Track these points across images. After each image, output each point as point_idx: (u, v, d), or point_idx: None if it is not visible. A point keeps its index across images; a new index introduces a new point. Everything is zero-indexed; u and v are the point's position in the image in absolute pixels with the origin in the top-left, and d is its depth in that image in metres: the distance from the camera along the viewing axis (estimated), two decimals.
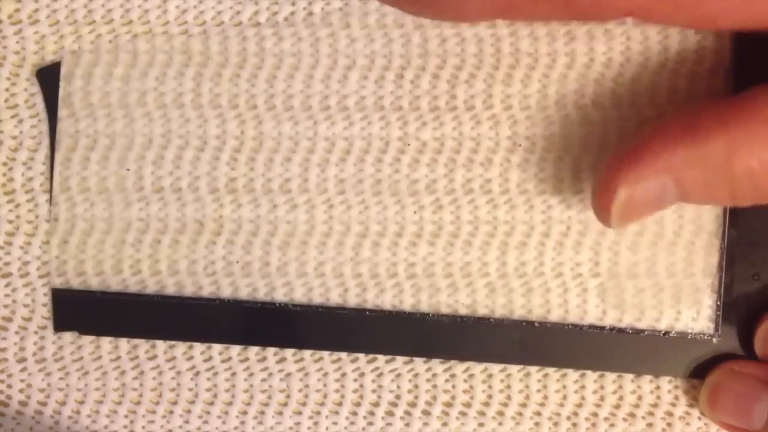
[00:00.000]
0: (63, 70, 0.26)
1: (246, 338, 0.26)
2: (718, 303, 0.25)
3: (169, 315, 0.26)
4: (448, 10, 0.22)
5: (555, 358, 0.25)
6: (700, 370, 0.25)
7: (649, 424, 0.26)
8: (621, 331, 0.25)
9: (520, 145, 0.25)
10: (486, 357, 0.25)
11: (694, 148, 0.21)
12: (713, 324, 0.25)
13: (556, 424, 0.26)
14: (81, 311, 0.26)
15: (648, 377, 0.25)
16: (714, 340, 0.25)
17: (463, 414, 0.26)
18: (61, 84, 0.26)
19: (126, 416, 0.26)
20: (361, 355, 0.26)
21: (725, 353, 0.25)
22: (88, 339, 0.26)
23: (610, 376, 0.26)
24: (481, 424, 0.26)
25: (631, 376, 0.25)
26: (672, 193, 0.22)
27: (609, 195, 0.22)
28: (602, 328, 0.25)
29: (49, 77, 0.26)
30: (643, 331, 0.25)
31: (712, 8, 0.21)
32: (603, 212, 0.22)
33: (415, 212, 0.25)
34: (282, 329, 0.26)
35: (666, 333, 0.25)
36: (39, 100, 0.26)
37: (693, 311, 0.25)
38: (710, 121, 0.21)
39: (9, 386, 0.26)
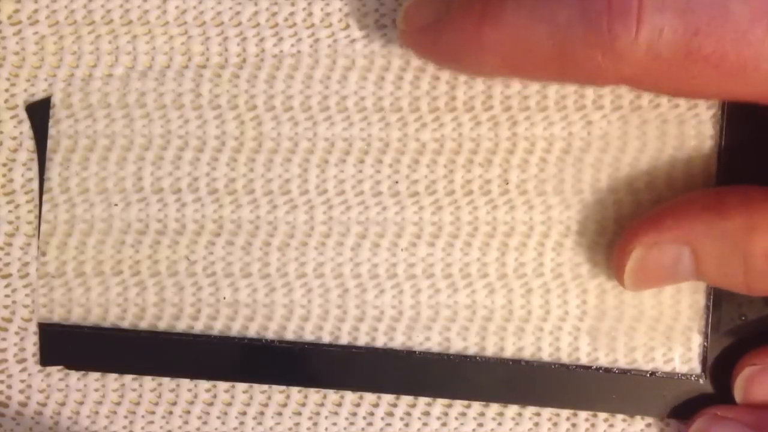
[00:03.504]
0: (62, 73, 0.26)
1: (237, 375, 0.26)
2: (705, 344, 0.25)
3: (159, 351, 0.25)
4: (468, 68, 0.24)
5: (542, 397, 0.25)
6: (687, 411, 0.25)
7: (648, 425, 0.25)
8: (608, 371, 0.25)
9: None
10: (473, 395, 0.25)
11: (715, 222, 0.22)
12: (700, 365, 0.25)
13: (555, 424, 0.26)
14: (69, 346, 0.26)
15: None
16: (701, 381, 0.25)
17: (463, 414, 0.26)
18: (60, 86, 0.26)
19: (125, 417, 0.26)
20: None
21: (712, 394, 0.25)
22: None
23: None
24: (480, 425, 0.26)
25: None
26: (687, 265, 0.23)
27: (625, 255, 0.23)
28: (589, 367, 0.25)
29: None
30: (629, 371, 0.25)
31: (690, 84, 0.21)
32: (618, 272, 0.23)
33: (414, 213, 0.25)
34: (271, 366, 0.25)
35: (652, 373, 0.25)
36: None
37: (680, 352, 0.25)
38: (734, 201, 0.22)
39: (9, 386, 0.26)
